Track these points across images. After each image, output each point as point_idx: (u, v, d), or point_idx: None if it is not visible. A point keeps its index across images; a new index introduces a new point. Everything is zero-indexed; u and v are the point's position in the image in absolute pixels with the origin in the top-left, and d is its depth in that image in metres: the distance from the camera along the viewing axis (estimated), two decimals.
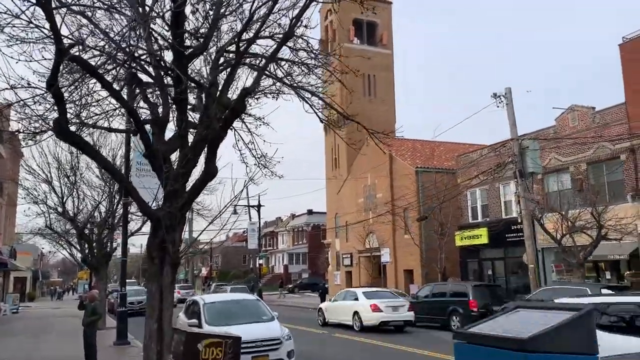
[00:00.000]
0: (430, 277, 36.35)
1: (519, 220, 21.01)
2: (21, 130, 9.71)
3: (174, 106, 8.92)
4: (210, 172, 8.06)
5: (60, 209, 22.09)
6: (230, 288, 38.60)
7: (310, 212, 72.81)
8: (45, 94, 7.24)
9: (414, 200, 36.77)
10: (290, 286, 62.77)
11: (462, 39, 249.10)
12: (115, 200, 23.24)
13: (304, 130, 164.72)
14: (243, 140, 11.03)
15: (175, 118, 8.47)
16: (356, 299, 21.04)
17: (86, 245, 23.79)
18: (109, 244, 23.57)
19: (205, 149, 8.15)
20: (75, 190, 22.41)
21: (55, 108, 8.25)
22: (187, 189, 8.40)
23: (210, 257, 69.15)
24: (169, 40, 7.93)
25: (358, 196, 44.67)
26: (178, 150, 8.55)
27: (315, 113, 9.88)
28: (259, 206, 50.19)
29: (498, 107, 21.70)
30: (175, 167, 8.22)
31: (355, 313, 20.62)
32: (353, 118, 9.80)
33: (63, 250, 60.89)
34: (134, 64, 8.44)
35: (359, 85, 50.24)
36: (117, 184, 23.09)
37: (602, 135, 23.31)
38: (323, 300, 33.82)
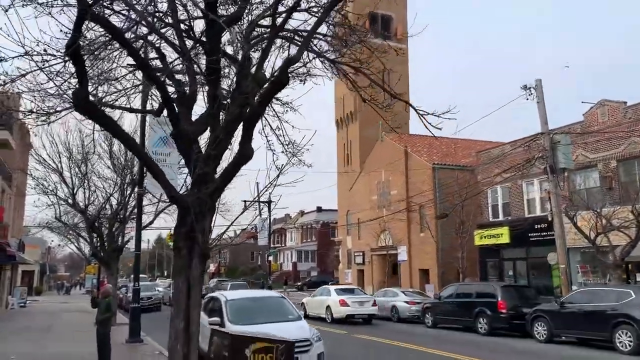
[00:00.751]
0: (447, 277, 35.46)
1: (549, 219, 20.07)
2: (34, 110, 8.93)
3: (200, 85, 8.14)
4: (246, 154, 7.21)
5: (70, 200, 21.33)
6: (229, 285, 38.59)
7: (319, 209, 71.98)
8: (63, 59, 6.40)
9: (431, 197, 35.84)
10: (298, 284, 61.98)
11: (479, 36, 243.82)
12: (127, 192, 22.46)
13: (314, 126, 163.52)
14: (270, 126, 10.23)
15: (206, 94, 7.63)
16: (329, 295, 23.87)
17: (97, 239, 23.03)
18: (120, 238, 22.78)
19: (240, 128, 7.30)
20: (86, 181, 21.65)
21: (72, 83, 7.48)
22: (217, 175, 7.59)
23: (219, 253, 68.42)
24: (200, 6, 7.11)
25: (371, 193, 43.78)
26: (208, 131, 7.74)
27: (358, 91, 8.99)
28: (269, 202, 49.33)
29: (527, 99, 20.76)
30: (205, 150, 7.37)
31: (328, 307, 23.45)
32: (400, 97, 8.86)
33: (71, 244, 60.66)
34: (159, 37, 7.64)
35: (373, 79, 49.38)
36: (128, 175, 22.37)
37: (634, 131, 22.33)
38: None
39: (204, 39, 7.59)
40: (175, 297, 7.10)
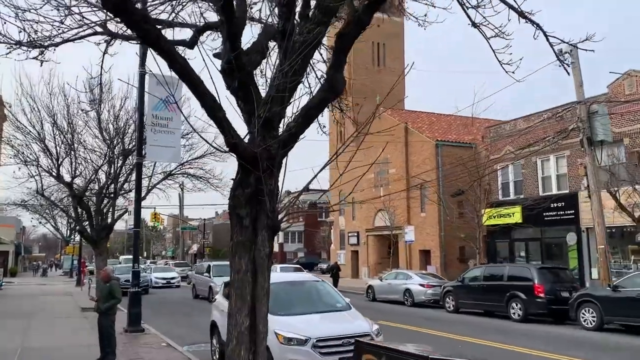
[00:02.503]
0: (450, 259, 34.14)
1: (586, 195, 18.49)
2: (26, 40, 6.84)
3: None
4: (335, 86, 5.28)
5: (55, 172, 19.03)
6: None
7: (306, 189, 69.94)
8: None
9: (433, 176, 34.23)
10: (286, 265, 60.18)
11: None
12: (118, 164, 20.26)
13: None
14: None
15: (276, 3, 5.63)
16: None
17: (82, 215, 20.81)
18: (110, 214, 20.61)
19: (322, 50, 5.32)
20: (72, 151, 19.34)
21: None
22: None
23: (203, 233, 66.21)
24: None
25: (368, 172, 41.92)
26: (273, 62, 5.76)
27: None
28: None
29: (560, 66, 19.02)
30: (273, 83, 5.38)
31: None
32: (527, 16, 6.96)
33: (47, 224, 57.75)
34: None
35: (367, 54, 47.40)
36: (118, 145, 20.16)
37: None
38: (335, 284, 31.20)
39: None
40: (237, 284, 5.18)
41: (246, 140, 5.34)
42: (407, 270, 25.72)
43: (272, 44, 6.57)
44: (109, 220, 20.81)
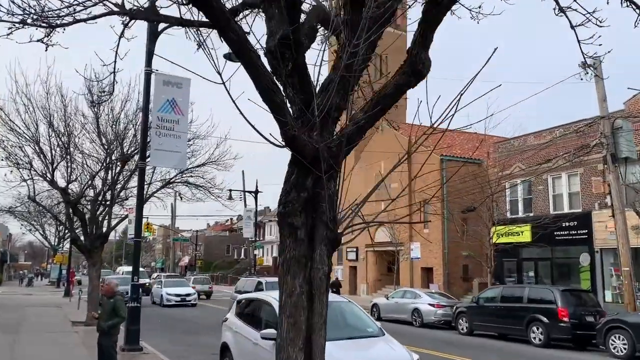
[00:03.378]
0: (453, 277, 33.18)
1: (611, 215, 17.65)
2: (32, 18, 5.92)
3: None
4: (419, 69, 4.34)
5: (49, 176, 17.91)
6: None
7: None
8: None
9: (437, 191, 33.35)
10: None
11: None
12: (116, 170, 19.18)
13: None
14: None
15: None
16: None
17: (78, 223, 19.67)
18: (105, 222, 19.48)
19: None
20: (68, 155, 18.25)
21: None
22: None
23: (195, 245, 64.82)
24: None
25: (368, 186, 40.91)
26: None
27: None
28: (256, 192, 46.32)
29: (582, 79, 18.30)
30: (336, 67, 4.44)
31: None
32: None
33: (35, 231, 56.16)
34: None
35: (369, 67, 46.73)
36: (117, 150, 19.09)
37: None
38: None
39: None
40: (289, 310, 4.18)
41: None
42: (416, 289, 24.71)
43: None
44: (104, 229, 19.63)
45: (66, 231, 52.85)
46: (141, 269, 51.86)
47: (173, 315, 24.87)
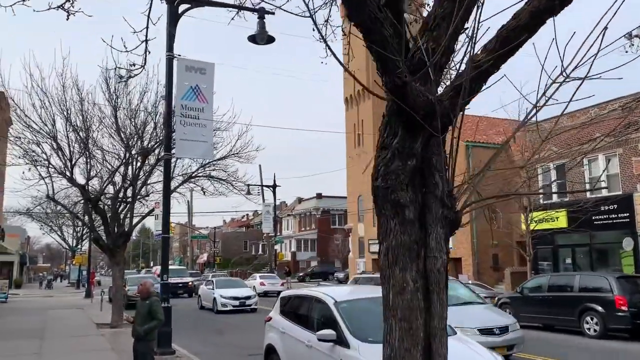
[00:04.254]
0: (483, 267, 32.13)
1: None
2: None
3: None
4: None
5: (68, 173, 17.15)
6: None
7: (319, 195, 68.17)
8: None
9: (461, 178, 32.27)
10: (300, 274, 58.24)
11: None
12: (137, 165, 18.40)
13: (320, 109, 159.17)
14: None
15: None
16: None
17: (97, 221, 18.93)
18: (128, 220, 18.72)
19: None
20: (87, 151, 17.48)
21: None
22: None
23: (213, 242, 64.27)
24: None
25: None
26: None
27: None
28: (274, 186, 45.56)
29: (627, 52, 17.15)
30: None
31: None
32: None
33: (53, 233, 55.93)
34: None
35: None
36: (137, 144, 18.30)
37: None
38: None
39: None
40: (400, 312, 3.24)
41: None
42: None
43: None
44: (127, 227, 18.86)
45: (84, 232, 52.60)
46: (180, 267, 50.06)
47: (196, 315, 24.09)
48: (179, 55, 13.51)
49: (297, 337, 7.93)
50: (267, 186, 44.96)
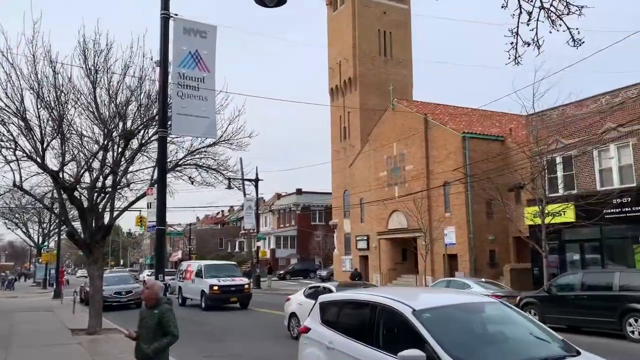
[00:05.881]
0: (480, 263, 30.79)
1: None
2: None
3: None
4: None
5: (39, 158, 14.84)
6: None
7: (299, 191, 66.24)
8: None
9: (456, 170, 30.89)
10: (280, 272, 56.27)
11: None
12: (119, 149, 16.23)
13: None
14: None
15: None
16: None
17: (71, 214, 16.65)
18: (107, 212, 16.52)
19: None
20: (60, 131, 15.20)
21: None
22: None
23: (189, 238, 61.74)
24: None
25: (378, 170, 38.44)
26: None
27: None
28: (256, 180, 43.54)
29: None
30: None
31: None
32: None
33: (17, 229, 52.53)
34: None
35: (373, 43, 44.08)
36: (119, 124, 16.17)
37: None
38: None
39: None
40: None
41: None
42: (462, 278, 22.14)
43: None
44: (105, 220, 16.63)
45: (52, 228, 49.49)
46: (227, 263, 35.57)
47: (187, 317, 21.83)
48: (176, 15, 11.44)
49: (355, 355, 6.06)
50: (249, 180, 42.83)
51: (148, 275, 48.13)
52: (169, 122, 11.48)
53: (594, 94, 24.32)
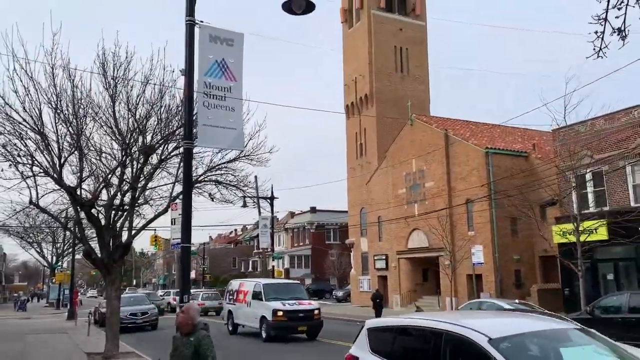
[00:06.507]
0: (506, 284, 29.72)
1: None
2: None
3: None
4: None
5: (55, 175, 14.29)
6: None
7: (313, 209, 65.46)
8: None
9: (479, 187, 30.05)
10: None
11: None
12: (137, 166, 15.66)
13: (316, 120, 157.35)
14: None
15: None
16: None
17: (91, 232, 16.06)
18: (126, 230, 15.91)
19: None
20: (78, 147, 14.67)
21: None
22: None
23: (203, 258, 61.06)
24: None
25: (397, 187, 37.64)
26: None
27: None
28: (272, 198, 42.73)
29: None
30: None
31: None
32: None
33: (31, 249, 52.21)
34: None
35: (389, 60, 43.64)
36: (139, 139, 15.66)
37: None
38: (379, 313, 26.51)
39: None
40: None
41: None
42: (494, 299, 21.17)
43: None
44: (123, 239, 16.01)
45: (66, 247, 49.05)
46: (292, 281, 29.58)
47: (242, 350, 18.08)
48: (202, 22, 10.90)
49: None
50: (264, 198, 42.12)
51: (161, 294, 47.38)
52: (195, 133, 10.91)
53: (626, 107, 23.53)
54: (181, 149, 17.81)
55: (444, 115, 39.50)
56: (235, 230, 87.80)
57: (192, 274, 75.66)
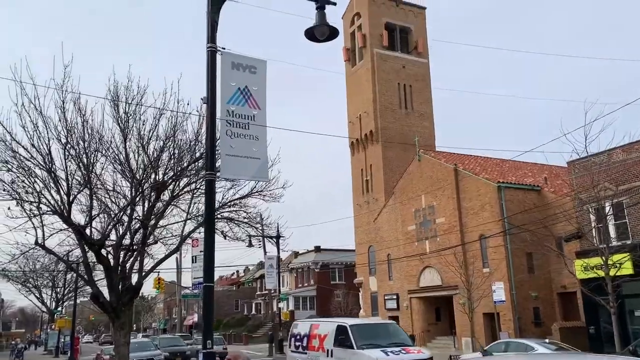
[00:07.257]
0: (524, 322, 28.61)
1: None
2: None
3: None
4: None
5: (65, 212, 13.61)
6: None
7: (317, 249, 64.35)
8: None
9: (494, 222, 29.35)
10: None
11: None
12: (147, 204, 15.00)
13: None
14: None
15: None
16: None
17: (96, 275, 15.25)
18: (137, 272, 15.11)
19: None
20: (89, 184, 14.05)
21: None
22: None
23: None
24: None
25: (406, 223, 36.87)
26: None
27: None
28: (278, 237, 41.86)
29: None
30: None
31: None
32: None
33: (30, 295, 50.88)
34: None
35: (394, 96, 43.62)
36: (151, 176, 15.06)
37: None
38: None
39: None
40: None
41: None
42: (524, 339, 20.08)
43: None
44: (133, 282, 15.20)
45: (67, 292, 47.79)
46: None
47: None
48: (224, 49, 10.44)
49: None
50: (270, 237, 41.27)
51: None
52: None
53: None
54: (192, 185, 17.39)
55: (448, 149, 39.12)
56: (238, 271, 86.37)
57: (194, 317, 73.86)
